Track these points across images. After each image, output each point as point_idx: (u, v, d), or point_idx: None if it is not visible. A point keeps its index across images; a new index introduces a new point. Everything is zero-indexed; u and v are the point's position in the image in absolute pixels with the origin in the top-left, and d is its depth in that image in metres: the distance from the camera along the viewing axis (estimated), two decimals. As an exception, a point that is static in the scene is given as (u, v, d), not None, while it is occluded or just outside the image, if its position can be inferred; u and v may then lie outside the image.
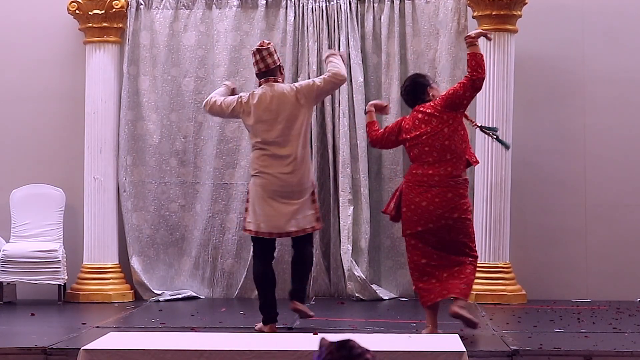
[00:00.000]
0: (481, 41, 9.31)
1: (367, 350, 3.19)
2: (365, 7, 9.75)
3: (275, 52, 7.59)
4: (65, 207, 9.67)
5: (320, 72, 9.65)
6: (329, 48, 9.66)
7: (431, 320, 7.16)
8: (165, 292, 9.64)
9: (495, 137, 7.66)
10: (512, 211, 9.38)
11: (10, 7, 10.01)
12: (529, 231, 9.74)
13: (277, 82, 7.56)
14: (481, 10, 9.33)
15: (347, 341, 3.19)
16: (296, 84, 7.68)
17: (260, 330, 7.44)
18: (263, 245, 7.55)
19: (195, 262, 9.79)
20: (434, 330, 7.11)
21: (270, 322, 7.48)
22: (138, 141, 9.81)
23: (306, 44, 9.68)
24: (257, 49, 7.56)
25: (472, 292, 7.82)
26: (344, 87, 9.60)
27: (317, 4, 9.74)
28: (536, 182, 9.77)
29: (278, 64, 7.59)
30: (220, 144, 9.76)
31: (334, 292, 9.69)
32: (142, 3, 9.80)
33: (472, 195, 9.05)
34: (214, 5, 9.82)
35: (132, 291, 9.65)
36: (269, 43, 7.63)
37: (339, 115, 9.62)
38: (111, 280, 9.58)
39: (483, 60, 7.22)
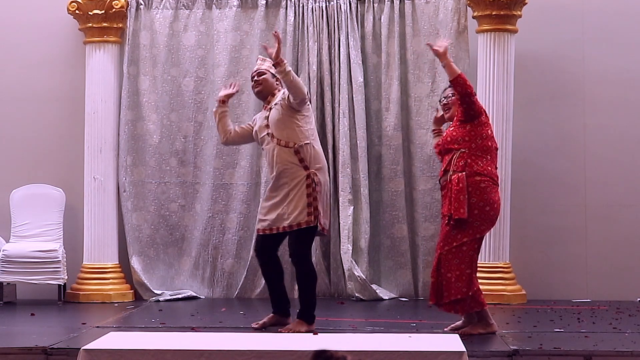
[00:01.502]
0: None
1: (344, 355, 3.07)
2: (365, 7, 9.75)
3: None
4: (65, 207, 9.67)
5: (320, 72, 9.67)
6: (329, 48, 9.67)
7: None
8: (165, 292, 9.64)
9: None
10: (512, 211, 9.37)
11: (10, 7, 10.01)
12: (529, 231, 9.74)
13: None
14: (481, 10, 9.33)
15: (324, 351, 3.06)
16: None
17: (311, 331, 7.05)
18: None
19: (195, 262, 9.79)
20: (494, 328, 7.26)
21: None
22: (138, 141, 9.81)
23: (306, 44, 9.68)
24: None
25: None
26: (344, 87, 9.60)
27: (317, 4, 9.74)
28: (536, 182, 9.77)
29: None
30: (220, 144, 9.73)
31: (334, 292, 9.69)
32: (142, 3, 9.80)
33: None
34: (214, 5, 9.82)
35: (132, 291, 9.65)
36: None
37: (338, 115, 9.61)
38: (111, 280, 9.58)
39: None
